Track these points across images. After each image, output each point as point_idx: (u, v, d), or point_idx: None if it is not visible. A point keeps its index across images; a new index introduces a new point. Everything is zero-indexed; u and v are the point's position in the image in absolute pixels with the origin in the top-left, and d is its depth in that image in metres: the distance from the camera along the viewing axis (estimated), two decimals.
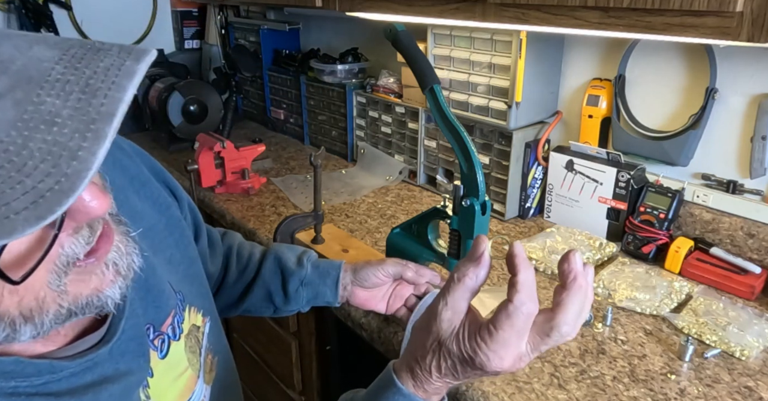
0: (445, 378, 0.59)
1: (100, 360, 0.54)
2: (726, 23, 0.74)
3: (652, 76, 1.25)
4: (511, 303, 0.53)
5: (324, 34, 2.17)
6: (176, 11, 2.56)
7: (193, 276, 0.76)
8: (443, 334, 0.57)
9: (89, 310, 0.47)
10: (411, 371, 0.60)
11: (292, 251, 0.97)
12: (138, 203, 0.68)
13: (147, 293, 0.63)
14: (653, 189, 1.23)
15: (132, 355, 0.58)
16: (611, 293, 1.10)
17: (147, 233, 0.66)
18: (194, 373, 0.70)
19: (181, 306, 0.70)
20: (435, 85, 0.90)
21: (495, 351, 0.54)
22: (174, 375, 0.66)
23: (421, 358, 0.59)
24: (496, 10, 1.01)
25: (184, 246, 0.75)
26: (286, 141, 2.16)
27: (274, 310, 0.95)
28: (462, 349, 0.55)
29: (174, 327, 0.67)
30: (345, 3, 1.32)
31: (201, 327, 0.74)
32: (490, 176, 1.47)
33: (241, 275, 0.95)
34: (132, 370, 0.57)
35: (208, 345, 0.75)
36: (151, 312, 0.63)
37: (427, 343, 0.58)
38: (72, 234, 0.43)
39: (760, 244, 1.13)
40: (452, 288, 0.57)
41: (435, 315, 0.57)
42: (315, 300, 0.94)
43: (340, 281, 0.93)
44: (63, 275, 0.43)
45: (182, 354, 0.68)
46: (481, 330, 0.54)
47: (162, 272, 0.67)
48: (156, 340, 0.64)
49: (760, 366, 0.92)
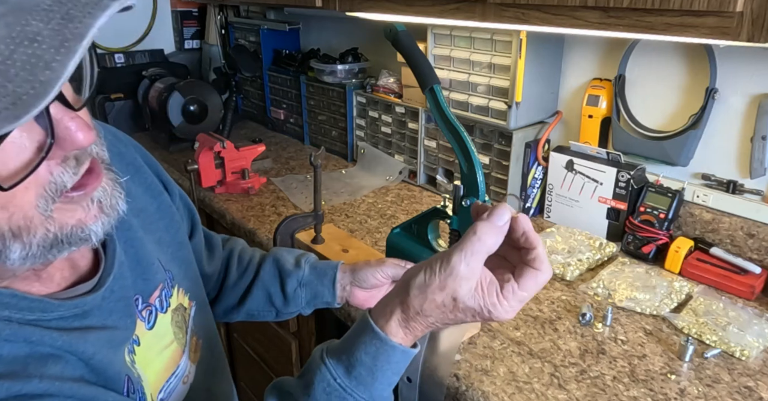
0: (444, 325, 0.63)
1: (89, 309, 0.59)
2: (726, 23, 0.74)
3: (652, 76, 1.25)
4: (540, 272, 0.59)
5: (324, 34, 2.17)
6: (176, 11, 2.56)
7: (182, 260, 0.80)
8: (461, 292, 0.59)
9: (74, 241, 0.51)
10: (405, 321, 0.62)
11: (290, 253, 0.98)
12: (132, 186, 0.73)
13: (137, 265, 0.69)
14: (653, 189, 1.23)
15: (119, 315, 0.63)
16: (611, 293, 1.10)
17: (138, 213, 0.73)
18: (180, 348, 0.74)
19: (170, 283, 0.74)
20: (435, 85, 0.90)
21: (513, 306, 0.60)
22: (160, 346, 0.71)
23: (425, 312, 0.61)
24: (496, 10, 1.01)
25: (174, 231, 0.80)
26: (286, 141, 2.16)
27: (276, 313, 0.96)
28: (482, 304, 0.59)
29: (162, 300, 0.72)
30: (345, 3, 1.32)
31: (187, 309, 0.79)
32: (490, 176, 1.47)
33: (240, 278, 0.96)
34: (118, 327, 0.62)
35: (194, 328, 0.79)
36: (140, 284, 0.68)
37: (439, 299, 0.60)
38: (60, 163, 0.48)
39: (760, 244, 1.13)
40: (474, 248, 0.59)
41: (454, 274, 0.59)
42: (314, 301, 0.94)
43: (337, 281, 0.93)
44: (51, 201, 0.48)
45: (168, 327, 0.72)
46: (504, 288, 0.59)
47: (152, 249, 0.72)
48: (144, 311, 0.69)
49: (760, 366, 0.92)
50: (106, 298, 0.61)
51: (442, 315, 0.61)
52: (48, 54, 0.39)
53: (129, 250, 0.68)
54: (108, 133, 0.73)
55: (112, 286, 0.62)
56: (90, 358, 0.56)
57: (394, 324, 0.62)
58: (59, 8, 0.41)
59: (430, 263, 0.62)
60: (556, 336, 0.99)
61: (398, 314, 0.63)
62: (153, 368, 0.69)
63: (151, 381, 0.68)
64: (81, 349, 0.56)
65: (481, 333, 0.99)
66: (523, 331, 1.00)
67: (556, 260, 1.20)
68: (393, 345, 0.62)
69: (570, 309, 1.07)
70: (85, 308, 0.58)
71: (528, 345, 0.96)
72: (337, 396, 0.62)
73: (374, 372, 0.62)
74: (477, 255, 0.59)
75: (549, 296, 1.11)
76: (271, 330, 1.47)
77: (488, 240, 0.59)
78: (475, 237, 0.59)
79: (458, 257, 0.59)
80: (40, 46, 0.39)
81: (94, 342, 0.57)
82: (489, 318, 0.60)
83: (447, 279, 0.59)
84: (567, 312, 1.06)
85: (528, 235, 0.60)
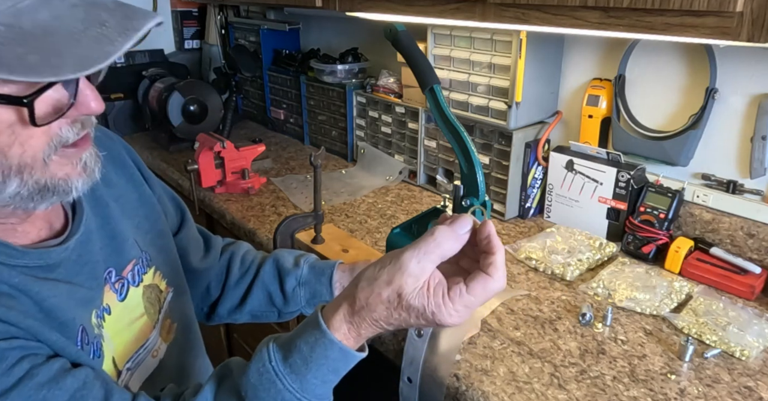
0: (389, 326, 0.63)
1: (54, 264, 0.65)
2: (726, 23, 0.74)
3: (652, 76, 1.25)
4: (491, 278, 0.59)
5: (324, 34, 2.17)
6: (176, 11, 2.56)
7: (161, 247, 0.86)
8: (406, 288, 0.60)
9: (58, 191, 0.60)
10: (350, 315, 0.63)
11: (290, 254, 1.00)
12: (114, 176, 0.82)
13: (111, 240, 0.76)
14: (653, 189, 1.23)
15: (86, 277, 0.69)
16: (611, 293, 1.10)
17: (118, 198, 0.81)
18: (150, 322, 0.79)
19: (146, 261, 0.81)
20: (435, 85, 0.90)
21: (458, 310, 0.60)
22: (130, 318, 0.76)
23: (370, 306, 0.61)
24: (496, 10, 1.01)
25: (154, 220, 0.86)
26: (286, 141, 2.16)
27: (279, 313, 0.97)
28: (425, 305, 0.59)
29: (134, 275, 0.78)
30: (345, 3, 1.32)
31: (164, 292, 0.84)
32: (490, 176, 1.47)
33: (242, 278, 0.98)
34: (83, 286, 0.68)
35: (169, 311, 0.84)
36: (114, 257, 0.75)
37: (384, 294, 0.60)
38: (69, 123, 0.59)
39: (760, 244, 1.13)
40: (429, 248, 0.60)
41: (402, 269, 0.60)
42: (314, 300, 0.95)
43: (335, 280, 0.93)
44: (53, 151, 0.58)
45: (140, 300, 0.78)
46: (452, 291, 0.59)
47: (128, 229, 0.80)
48: (117, 283, 0.75)
49: (760, 366, 0.92)
50: (73, 260, 0.68)
51: (386, 312, 0.61)
52: (112, 35, 0.53)
53: (105, 226, 0.76)
54: (99, 130, 0.80)
55: (80, 250, 0.69)
56: (43, 300, 0.61)
57: (339, 317, 0.63)
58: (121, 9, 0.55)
59: (382, 258, 0.63)
60: (556, 336, 0.99)
61: (345, 307, 0.63)
62: (122, 337, 0.74)
63: (119, 350, 0.73)
64: (36, 290, 0.61)
65: (481, 333, 0.99)
66: (523, 331, 1.00)
67: (556, 260, 1.20)
68: (331, 338, 0.62)
69: (570, 309, 1.07)
70: (49, 261, 0.64)
71: (528, 345, 0.96)
72: (268, 379, 0.62)
73: (308, 363, 0.62)
74: (429, 255, 0.60)
75: (549, 296, 1.11)
76: (271, 330, 1.47)
77: (444, 244, 0.60)
78: (431, 238, 0.60)
79: (410, 254, 0.60)
80: (107, 29, 0.53)
81: (51, 289, 0.63)
82: (433, 320, 0.60)
83: (395, 274, 0.60)
84: (567, 312, 1.06)
85: (491, 239, 0.61)
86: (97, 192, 0.77)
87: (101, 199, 0.77)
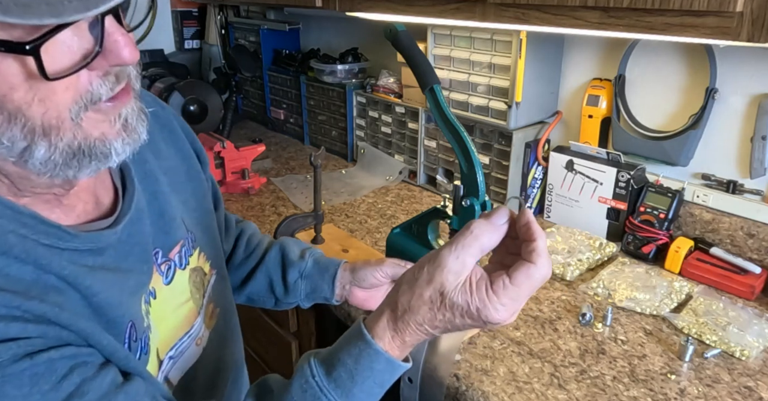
0: (434, 330, 0.59)
1: (104, 247, 0.59)
2: (726, 23, 0.74)
3: (652, 76, 1.25)
4: (534, 265, 0.55)
5: (324, 34, 2.16)
6: (176, 11, 2.56)
7: (206, 226, 0.80)
8: (448, 286, 0.56)
9: (95, 155, 0.53)
10: (393, 322, 0.59)
11: (297, 245, 0.99)
12: (163, 146, 0.75)
13: (159, 218, 0.69)
14: (653, 189, 1.23)
15: (135, 259, 0.63)
16: (611, 293, 1.10)
17: (167, 171, 0.74)
18: (195, 307, 0.74)
19: (191, 243, 0.75)
20: (435, 85, 0.90)
21: (505, 304, 0.55)
22: (176, 303, 0.71)
23: (413, 309, 0.58)
24: (496, 10, 1.01)
25: (201, 196, 0.80)
26: (286, 141, 2.16)
27: (275, 301, 0.97)
28: (469, 301, 0.56)
29: (181, 257, 0.72)
30: (345, 3, 1.32)
31: (207, 275, 0.78)
32: (490, 176, 1.47)
33: (246, 259, 0.97)
34: (134, 271, 0.63)
35: (212, 295, 0.79)
36: (162, 237, 0.69)
37: (426, 293, 0.57)
38: (101, 77, 0.51)
39: (760, 244, 1.13)
40: (467, 242, 0.56)
41: (442, 266, 0.57)
42: (313, 295, 0.95)
43: (337, 279, 0.93)
44: (83, 109, 0.50)
45: (186, 285, 0.73)
46: (495, 284, 0.55)
47: (177, 206, 0.73)
48: (163, 265, 0.69)
49: (760, 366, 0.92)
50: (122, 241, 0.62)
51: (430, 313, 0.58)
52: None
53: (153, 202, 0.69)
54: (147, 95, 0.75)
55: (129, 230, 0.63)
56: (93, 295, 0.56)
57: (381, 325, 0.60)
58: None
59: (420, 261, 0.60)
60: (556, 336, 0.99)
61: (387, 314, 0.60)
62: (167, 324, 0.69)
63: (162, 337, 0.67)
64: (86, 284, 0.55)
65: (481, 333, 0.99)
66: (523, 331, 1.00)
67: (556, 260, 1.20)
68: (377, 348, 0.59)
69: (570, 309, 1.07)
70: (100, 244, 0.59)
71: (528, 345, 0.96)
72: (312, 395, 0.59)
73: (354, 376, 0.59)
74: (468, 249, 0.57)
75: (549, 296, 1.11)
76: (271, 330, 1.47)
77: (482, 236, 0.57)
78: (468, 231, 0.57)
79: (448, 250, 0.57)
80: None
81: (102, 281, 0.57)
82: (479, 317, 0.56)
83: (435, 272, 0.57)
84: (567, 312, 1.06)
85: (531, 226, 0.57)
86: (148, 165, 0.71)
87: (151, 172, 0.71)
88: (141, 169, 0.69)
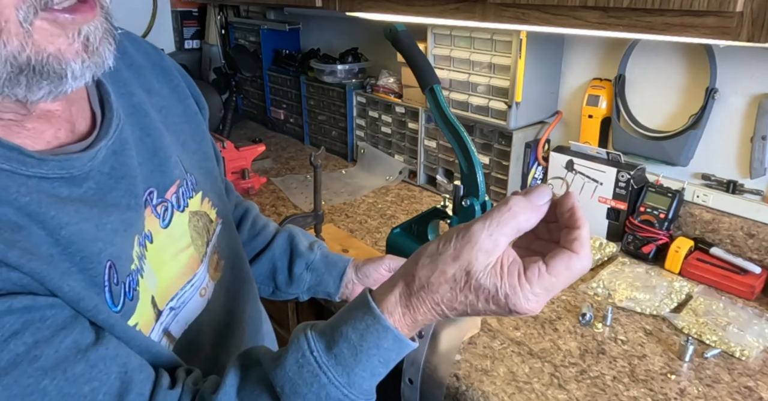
0: (451, 311, 0.53)
1: (80, 176, 0.52)
2: (726, 23, 0.74)
3: (652, 76, 1.25)
4: (576, 255, 0.49)
5: (324, 34, 2.16)
6: (176, 11, 2.56)
7: (207, 172, 0.74)
8: (476, 265, 0.50)
9: (47, 73, 0.46)
10: (407, 297, 0.53)
11: (305, 236, 0.97)
12: (156, 83, 0.69)
13: (152, 155, 0.63)
14: (653, 189, 1.23)
15: (122, 193, 0.57)
16: (611, 293, 1.10)
17: (161, 109, 0.68)
18: (198, 254, 0.68)
19: (191, 184, 0.69)
20: (435, 85, 0.90)
21: (537, 294, 0.50)
22: (175, 249, 0.65)
23: (432, 286, 0.51)
24: (496, 10, 1.01)
25: (200, 140, 0.74)
26: (286, 141, 2.16)
27: (273, 290, 0.94)
28: (498, 285, 0.49)
29: (179, 198, 0.66)
30: (345, 3, 1.32)
31: (214, 223, 0.72)
32: (490, 176, 1.47)
33: (250, 241, 0.94)
34: (120, 205, 0.56)
35: (217, 245, 0.73)
36: (156, 176, 0.63)
37: (450, 271, 0.50)
38: None
39: (760, 244, 1.13)
40: (503, 219, 0.50)
41: (473, 242, 0.50)
42: (316, 289, 0.93)
43: (345, 276, 0.93)
44: (33, 12, 0.43)
45: (185, 229, 0.67)
46: (529, 271, 0.49)
47: (172, 145, 0.67)
48: (159, 207, 0.63)
49: (760, 366, 0.92)
50: (105, 173, 0.55)
51: (450, 293, 0.51)
52: None
53: (144, 139, 0.63)
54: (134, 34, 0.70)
55: (112, 161, 0.56)
56: (60, 227, 0.49)
57: (393, 298, 0.53)
58: None
59: (447, 232, 0.53)
60: (556, 336, 0.99)
61: (400, 287, 0.53)
62: (166, 271, 0.63)
63: (162, 285, 0.62)
64: (51, 213, 0.48)
65: (481, 333, 0.99)
66: (523, 331, 1.00)
67: None
68: (386, 324, 0.52)
69: (570, 309, 1.07)
70: (72, 171, 0.52)
71: (528, 345, 0.96)
72: (309, 372, 0.52)
73: (358, 353, 0.52)
74: (503, 228, 0.50)
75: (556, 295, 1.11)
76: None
77: (520, 215, 0.50)
78: (506, 208, 0.50)
79: (481, 225, 0.50)
80: None
81: (74, 213, 0.50)
82: (506, 305, 0.50)
83: (464, 248, 0.50)
84: (567, 312, 1.06)
85: (575, 212, 0.51)
86: (135, 98, 0.64)
87: (140, 106, 0.64)
88: (127, 101, 0.63)
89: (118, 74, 0.64)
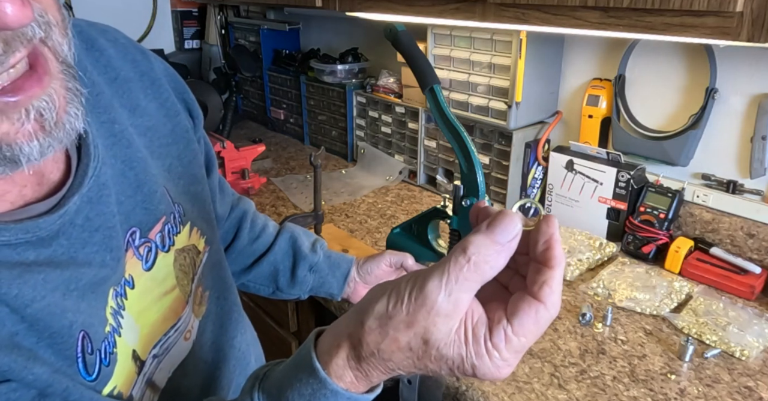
0: (409, 374, 0.46)
1: (49, 237, 0.47)
2: (726, 23, 0.74)
3: (652, 76, 1.25)
4: (544, 307, 0.40)
5: (324, 34, 2.17)
6: (176, 11, 2.56)
7: (197, 196, 0.69)
8: (436, 334, 0.41)
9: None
10: (356, 361, 0.44)
11: (306, 235, 0.96)
12: (142, 99, 0.63)
13: (136, 191, 0.58)
14: (653, 189, 1.23)
15: (97, 248, 0.51)
16: (611, 293, 1.10)
17: (146, 132, 0.62)
18: (183, 296, 0.63)
19: (178, 218, 0.64)
20: (435, 85, 0.90)
21: (507, 359, 0.41)
22: (159, 292, 0.60)
23: (383, 354, 0.43)
24: (496, 10, 1.01)
25: (188, 161, 0.68)
26: (286, 141, 2.16)
27: (273, 291, 0.93)
28: (464, 355, 0.41)
29: (164, 236, 0.61)
30: (345, 3, 1.32)
31: (201, 254, 0.68)
32: (490, 176, 1.47)
33: (251, 245, 0.92)
34: (93, 263, 0.50)
35: (201, 276, 0.68)
36: (139, 213, 0.58)
37: (403, 339, 0.42)
38: None
39: (760, 244, 1.13)
40: (462, 274, 0.40)
41: (428, 306, 0.41)
42: (319, 289, 0.93)
43: (349, 276, 0.93)
44: None
45: (170, 270, 0.61)
46: (494, 335, 0.41)
47: (158, 175, 0.62)
48: (142, 248, 0.58)
49: (760, 366, 0.92)
50: (78, 226, 0.50)
51: (407, 361, 0.43)
52: None
53: (127, 173, 0.57)
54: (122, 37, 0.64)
55: (87, 212, 0.51)
56: (25, 306, 0.44)
57: (340, 362, 0.44)
58: None
59: (396, 283, 0.43)
60: (556, 336, 0.99)
61: (346, 350, 0.44)
62: (149, 317, 0.58)
63: (144, 333, 0.57)
64: (13, 293, 0.43)
65: None
66: None
67: None
68: (335, 389, 0.44)
69: (570, 309, 1.07)
70: (40, 233, 0.46)
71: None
72: None
73: None
74: (463, 283, 0.40)
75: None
76: (271, 330, 1.47)
77: (483, 264, 0.40)
78: (464, 258, 0.40)
79: (437, 282, 0.40)
80: None
81: (40, 284, 0.45)
82: (473, 375, 0.42)
83: (418, 312, 0.41)
84: (567, 312, 1.06)
85: (552, 246, 0.41)
86: (117, 126, 0.57)
87: (122, 135, 0.58)
88: (108, 130, 0.56)
89: (99, 98, 0.58)
